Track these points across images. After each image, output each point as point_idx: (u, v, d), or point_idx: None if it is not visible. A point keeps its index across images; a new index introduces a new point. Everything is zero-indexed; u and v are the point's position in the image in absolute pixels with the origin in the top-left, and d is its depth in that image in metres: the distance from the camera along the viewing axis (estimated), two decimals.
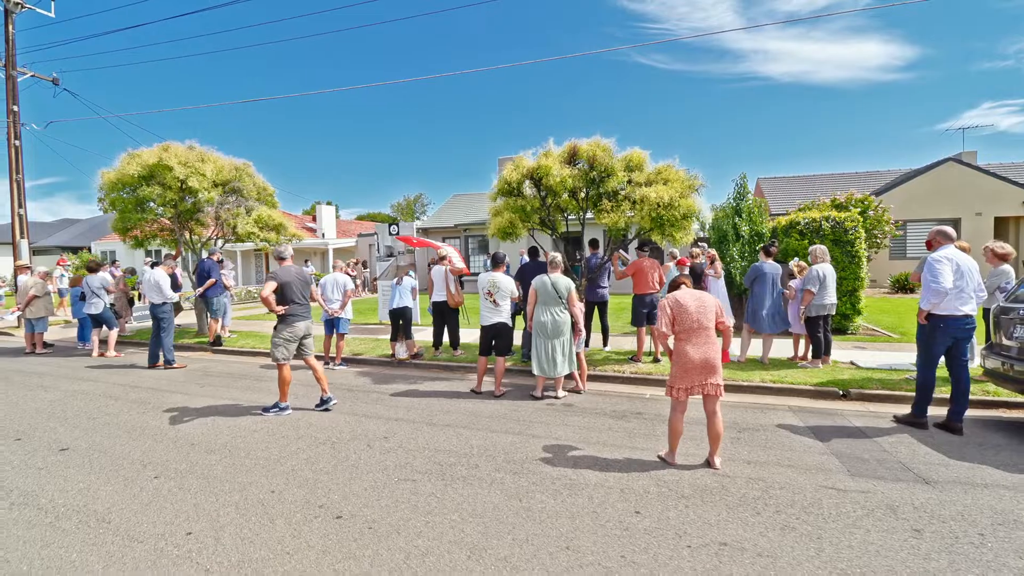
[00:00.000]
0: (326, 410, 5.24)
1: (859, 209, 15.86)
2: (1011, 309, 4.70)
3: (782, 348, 7.28)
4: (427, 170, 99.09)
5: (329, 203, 30.07)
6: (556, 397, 5.70)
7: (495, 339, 5.93)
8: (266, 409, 5.22)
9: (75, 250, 26.42)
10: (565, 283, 5.61)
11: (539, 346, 5.65)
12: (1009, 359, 4.57)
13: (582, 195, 6.96)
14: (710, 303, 3.60)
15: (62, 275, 14.51)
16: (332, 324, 7.35)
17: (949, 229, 4.29)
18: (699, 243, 13.02)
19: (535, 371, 5.69)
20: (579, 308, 5.77)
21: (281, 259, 5.23)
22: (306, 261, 21.31)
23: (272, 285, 4.95)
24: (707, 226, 9.51)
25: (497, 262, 6.01)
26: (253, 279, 26.27)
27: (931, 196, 16.98)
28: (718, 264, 9.90)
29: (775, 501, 3.10)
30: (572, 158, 6.72)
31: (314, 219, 28.95)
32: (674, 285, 3.78)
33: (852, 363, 6.63)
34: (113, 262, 14.17)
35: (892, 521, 2.84)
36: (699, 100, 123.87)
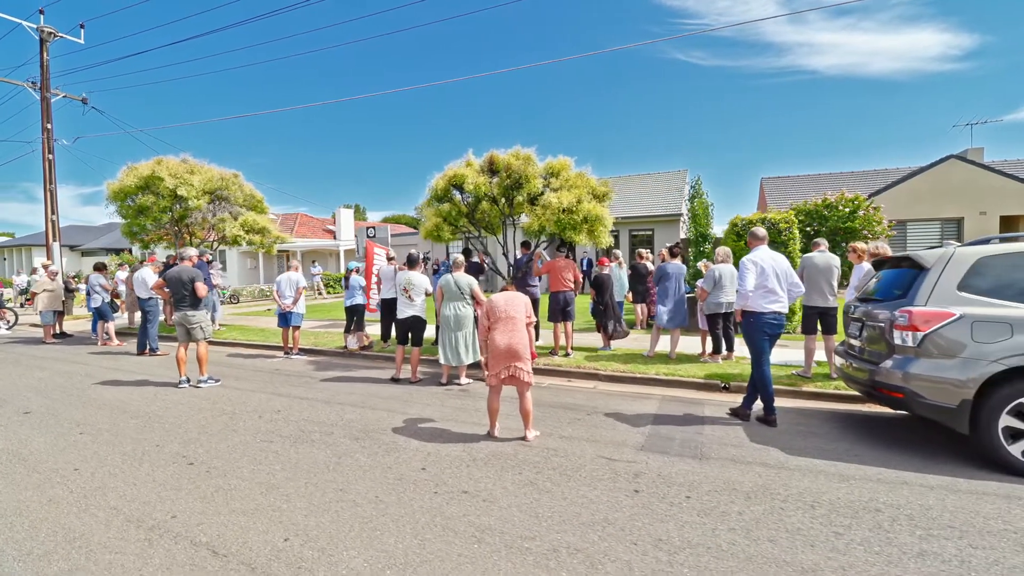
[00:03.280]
0: (197, 387, 6.37)
1: (849, 209, 15.67)
2: (853, 307, 4.97)
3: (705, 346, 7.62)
4: None
5: (357, 206, 31.59)
6: (459, 384, 6.35)
7: (411, 331, 6.61)
8: (179, 384, 6.41)
9: (118, 251, 28.95)
10: (466, 280, 6.25)
11: (444, 337, 6.31)
12: (851, 357, 4.83)
13: (504, 200, 7.56)
14: (519, 301, 4.19)
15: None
16: (285, 318, 8.24)
17: (760, 230, 4.63)
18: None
19: (440, 360, 6.35)
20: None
21: (182, 259, 6.48)
22: (313, 262, 22.72)
23: (159, 281, 6.69)
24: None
25: (412, 262, 6.70)
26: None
27: (933, 195, 16.48)
28: None
29: (545, 465, 3.65)
30: (491, 166, 7.34)
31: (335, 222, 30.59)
32: (502, 290, 4.41)
33: None
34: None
35: (626, 484, 3.35)
36: (738, 96, 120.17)
